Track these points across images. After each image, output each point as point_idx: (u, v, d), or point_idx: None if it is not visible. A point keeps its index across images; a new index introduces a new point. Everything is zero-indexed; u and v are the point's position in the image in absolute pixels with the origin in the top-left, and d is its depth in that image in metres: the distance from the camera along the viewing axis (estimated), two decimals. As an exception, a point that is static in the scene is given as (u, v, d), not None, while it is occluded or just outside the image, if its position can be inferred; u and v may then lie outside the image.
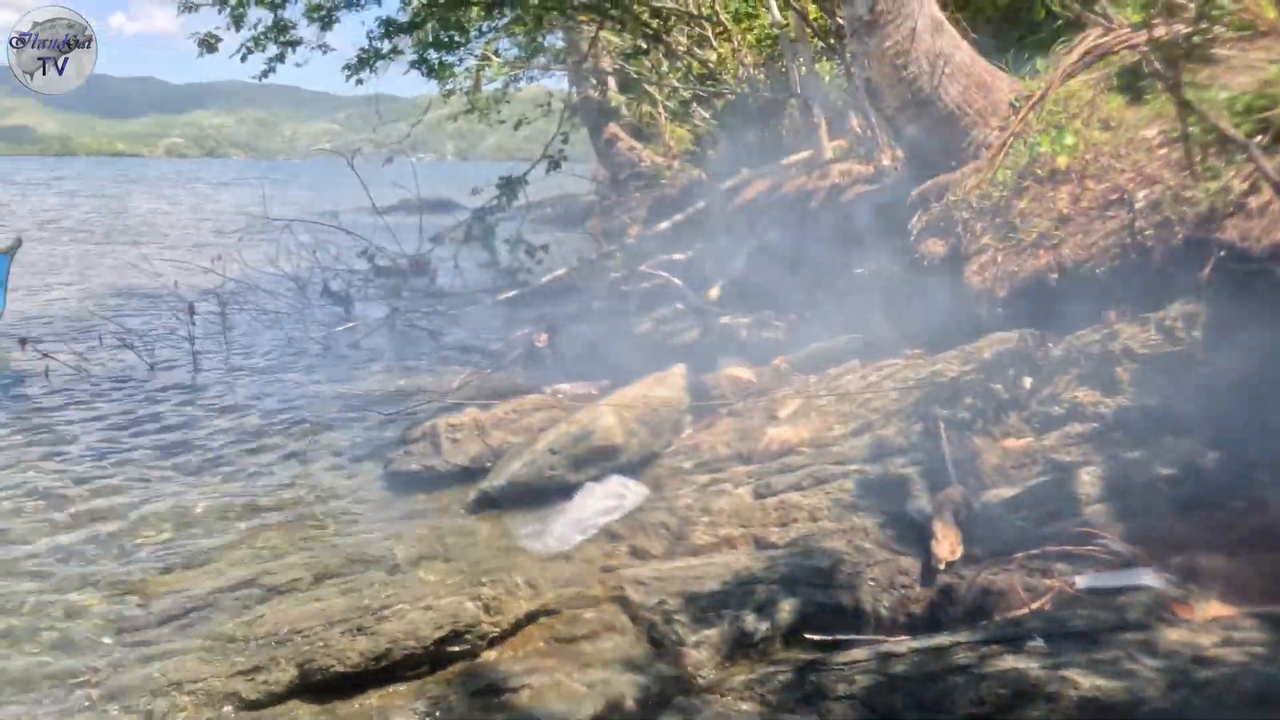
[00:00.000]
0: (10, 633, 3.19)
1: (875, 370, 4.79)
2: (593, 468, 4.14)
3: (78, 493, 4.56)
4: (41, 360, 6.72)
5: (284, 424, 5.69)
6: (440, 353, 7.54)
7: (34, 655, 3.04)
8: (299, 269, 9.08)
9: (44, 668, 2.96)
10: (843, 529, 3.25)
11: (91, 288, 11.17)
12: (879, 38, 5.07)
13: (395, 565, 3.59)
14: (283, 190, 20.42)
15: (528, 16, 9.71)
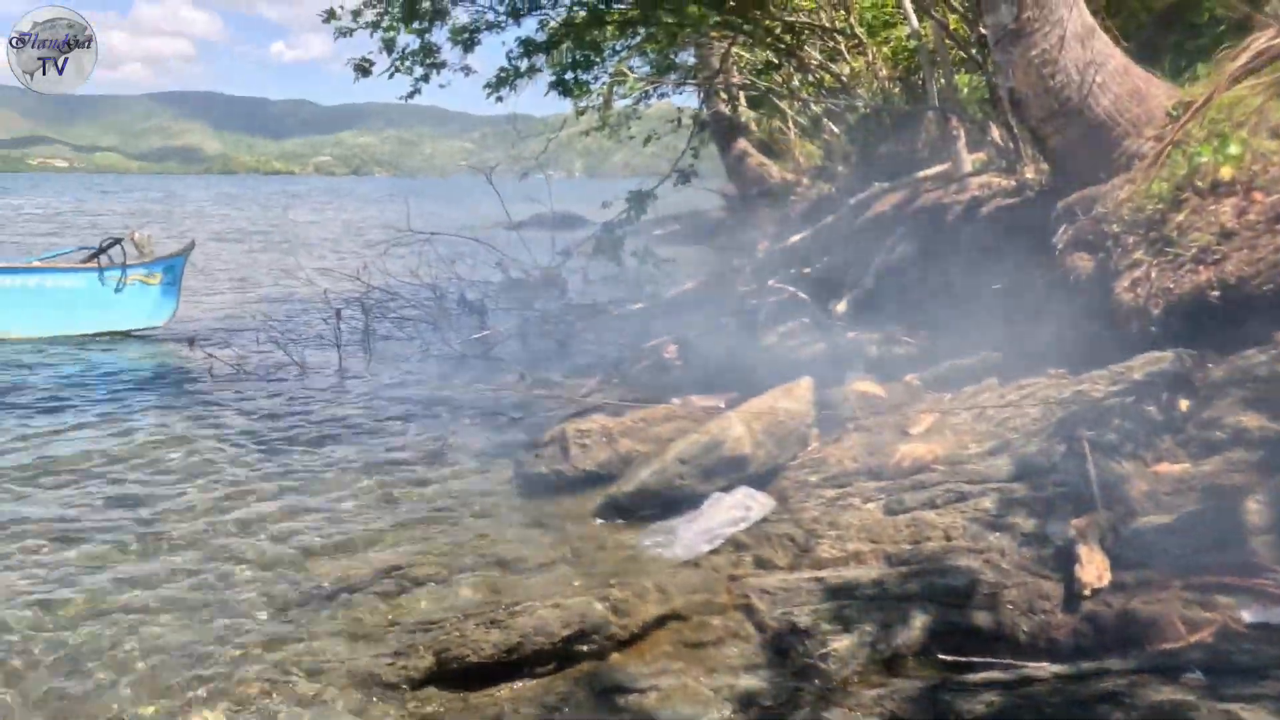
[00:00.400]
0: (174, 603, 3.45)
1: (1015, 389, 4.61)
2: (721, 478, 4.15)
3: (234, 478, 4.90)
4: (206, 359, 7.26)
5: (421, 425, 5.94)
6: (569, 362, 7.72)
7: (195, 626, 3.27)
8: (437, 279, 9.47)
9: (203, 638, 3.18)
10: (979, 549, 3.15)
11: (248, 293, 12.02)
12: (1024, 46, 4.91)
13: (525, 565, 3.70)
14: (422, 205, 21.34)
15: (661, 34, 9.86)
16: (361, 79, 9.81)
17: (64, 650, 3.09)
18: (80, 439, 5.64)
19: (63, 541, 4.01)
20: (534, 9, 9.76)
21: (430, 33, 9.62)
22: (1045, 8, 4.82)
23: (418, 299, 9.34)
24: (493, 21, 9.80)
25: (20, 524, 4.20)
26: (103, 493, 4.66)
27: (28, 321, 8.78)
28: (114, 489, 4.71)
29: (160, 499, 4.57)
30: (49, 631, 3.22)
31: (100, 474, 4.98)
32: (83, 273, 9.07)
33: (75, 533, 4.11)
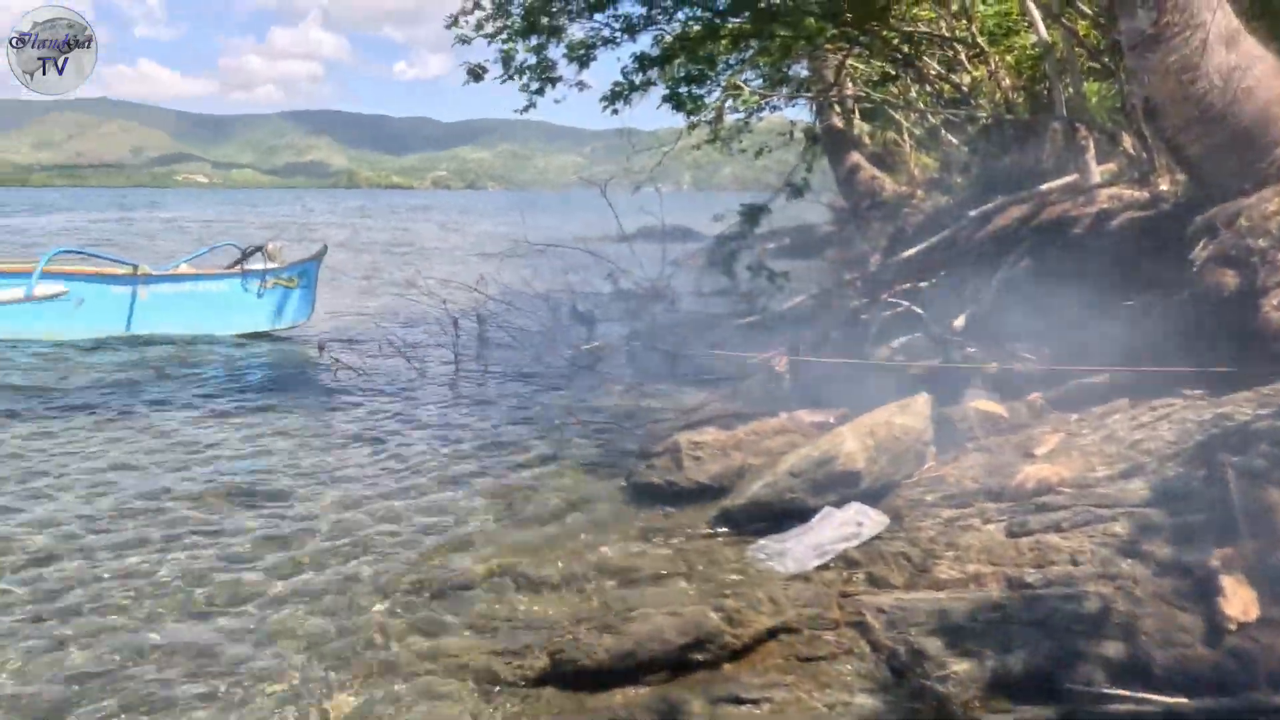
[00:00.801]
0: (297, 591, 3.63)
1: (1148, 410, 4.39)
2: (832, 493, 4.10)
3: (353, 474, 5.13)
4: (333, 362, 7.62)
5: (533, 432, 6.08)
6: (679, 374, 7.76)
7: (316, 614, 3.43)
8: (550, 290, 9.69)
9: (323, 626, 3.34)
10: (1109, 575, 3.01)
11: (373, 299, 12.58)
12: (1163, 52, 4.70)
13: (637, 572, 3.74)
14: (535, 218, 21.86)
15: (775, 47, 9.84)
16: (472, 86, 10.13)
17: (184, 642, 3.28)
18: (213, 430, 6.00)
19: (187, 528, 4.27)
20: (649, 25, 9.91)
21: (546, 48, 9.89)
22: (1186, 11, 4.60)
23: (531, 309, 9.57)
24: (608, 38, 9.99)
25: (158, 504, 4.50)
26: (232, 481, 4.95)
27: (181, 322, 9.47)
28: (241, 479, 4.99)
29: (283, 492, 4.82)
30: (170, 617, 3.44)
31: (230, 462, 5.30)
32: (228, 278, 9.72)
33: (200, 521, 4.38)
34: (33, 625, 3.32)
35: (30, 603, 3.50)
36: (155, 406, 6.66)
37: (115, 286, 9.41)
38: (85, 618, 3.38)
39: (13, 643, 3.19)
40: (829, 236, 17.73)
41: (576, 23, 9.96)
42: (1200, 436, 3.82)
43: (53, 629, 3.29)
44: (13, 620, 3.35)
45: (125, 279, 9.45)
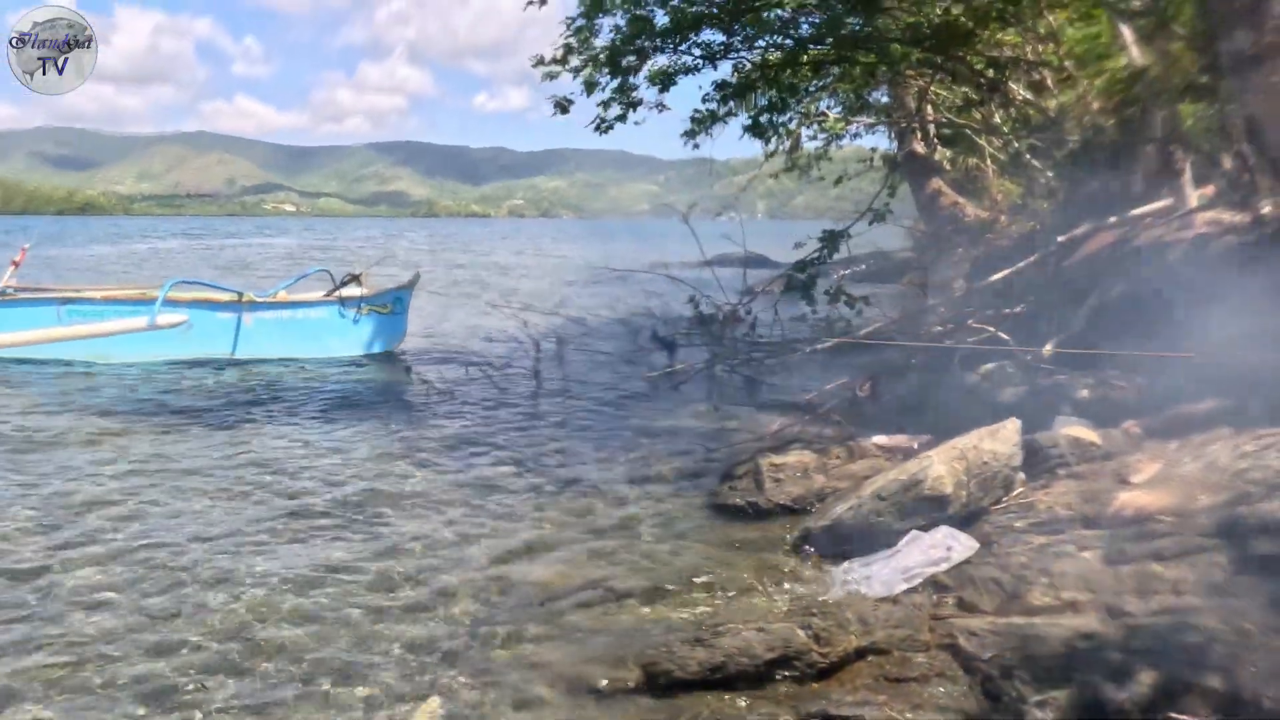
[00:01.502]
0: (392, 601, 3.74)
1: (1253, 439, 4.24)
2: (920, 517, 4.06)
3: (443, 490, 5.27)
4: (421, 384, 7.85)
5: (616, 452, 6.16)
6: (759, 398, 7.77)
7: (410, 624, 3.54)
8: (630, 315, 9.81)
9: (417, 635, 3.43)
10: (1215, 606, 2.93)
11: (460, 323, 12.90)
12: (1265, 71, 4.57)
13: (724, 588, 3.77)
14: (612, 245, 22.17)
15: (857, 74, 9.84)
16: (551, 118, 10.36)
17: (288, 643, 3.42)
18: (309, 449, 6.23)
19: (291, 537, 4.45)
20: (729, 53, 10.01)
21: (630, 74, 10.06)
22: (1290, 30, 4.48)
23: (611, 333, 9.71)
24: (689, 65, 10.13)
25: (262, 513, 4.70)
26: (329, 493, 5.14)
27: (281, 346, 9.91)
28: (336, 493, 5.17)
29: (375, 506, 4.97)
30: (273, 624, 3.59)
31: (326, 478, 5.49)
32: (326, 305, 10.13)
33: (304, 530, 4.56)
34: (147, 620, 3.51)
35: (131, 597, 3.70)
36: (257, 425, 6.95)
37: (222, 313, 9.88)
38: (198, 616, 3.56)
39: (129, 636, 3.37)
40: (906, 262, 17.52)
41: (660, 53, 10.13)
42: (1309, 467, 3.69)
43: (166, 626, 3.48)
44: (127, 620, 3.54)
45: (231, 305, 9.91)
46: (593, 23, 9.38)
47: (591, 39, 9.43)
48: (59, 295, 9.79)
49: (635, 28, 9.22)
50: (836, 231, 8.58)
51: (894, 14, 9.20)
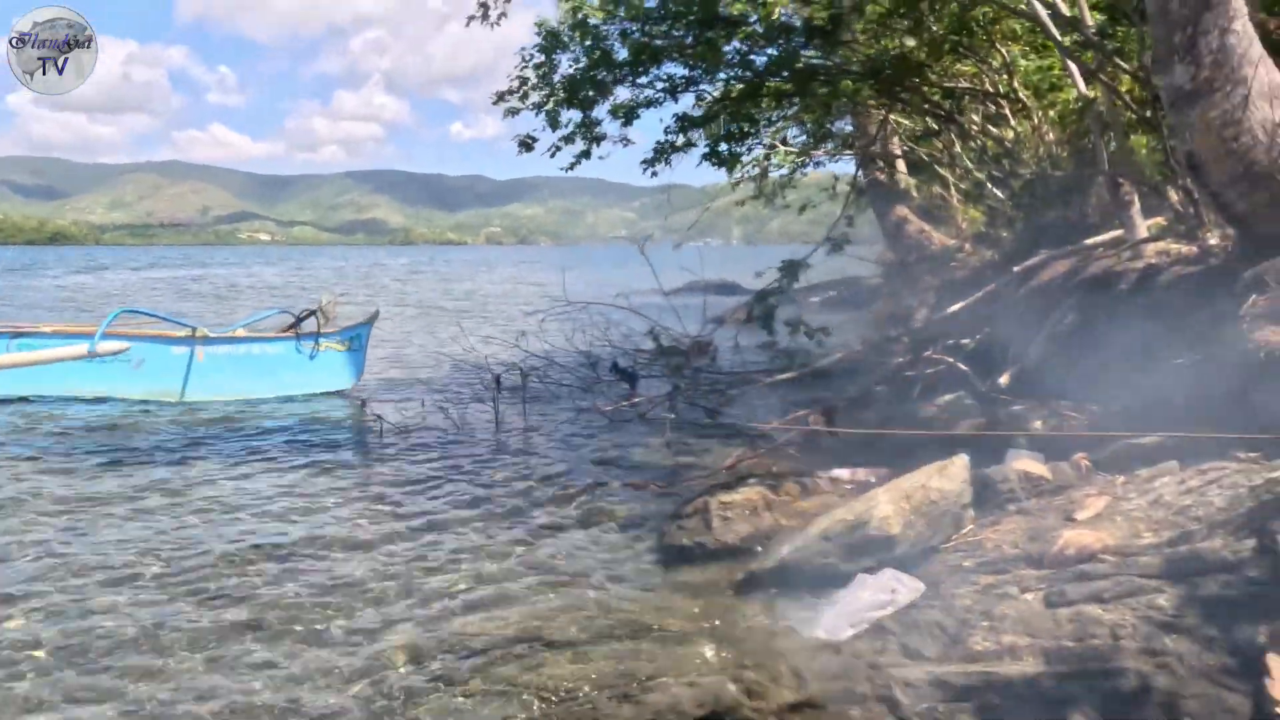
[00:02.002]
0: (321, 647, 3.62)
1: (1198, 473, 4.23)
2: (866, 558, 4.00)
3: (386, 530, 5.16)
4: (376, 422, 7.73)
5: (568, 490, 6.07)
6: (717, 431, 7.71)
7: (338, 672, 3.42)
8: (591, 346, 9.74)
9: (346, 687, 3.32)
10: (1151, 651, 2.88)
11: (420, 356, 12.78)
12: (1203, 107, 4.62)
13: (663, 635, 3.68)
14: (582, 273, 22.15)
15: (815, 105, 9.90)
16: (526, 153, 10.37)
17: (213, 685, 3.30)
18: (255, 489, 6.10)
19: (229, 584, 4.32)
20: (690, 86, 10.05)
21: (592, 109, 10.07)
22: (1225, 67, 4.53)
23: (572, 365, 9.63)
24: (651, 99, 10.15)
25: (195, 558, 4.56)
26: (267, 539, 5.00)
27: (235, 384, 9.74)
28: (276, 538, 5.05)
29: (317, 550, 4.86)
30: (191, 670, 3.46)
31: (268, 520, 5.37)
32: (282, 342, 9.98)
33: (237, 575, 4.42)
34: (65, 671, 3.37)
35: (61, 649, 3.55)
36: (201, 465, 6.80)
37: (174, 347, 9.71)
38: (107, 669, 3.43)
39: (48, 690, 3.24)
40: (876, 290, 17.61)
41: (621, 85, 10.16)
42: (1251, 503, 3.67)
43: (78, 679, 3.34)
44: (35, 675, 3.40)
45: (184, 340, 9.74)
46: (551, 58, 9.39)
47: (551, 74, 9.44)
48: (8, 329, 9.60)
49: (595, 60, 9.24)
50: (795, 261, 8.58)
51: (852, 46, 9.29)
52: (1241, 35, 4.53)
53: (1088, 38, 6.28)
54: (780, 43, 9.07)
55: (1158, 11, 4.63)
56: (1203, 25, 4.49)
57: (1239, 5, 4.50)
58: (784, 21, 9.16)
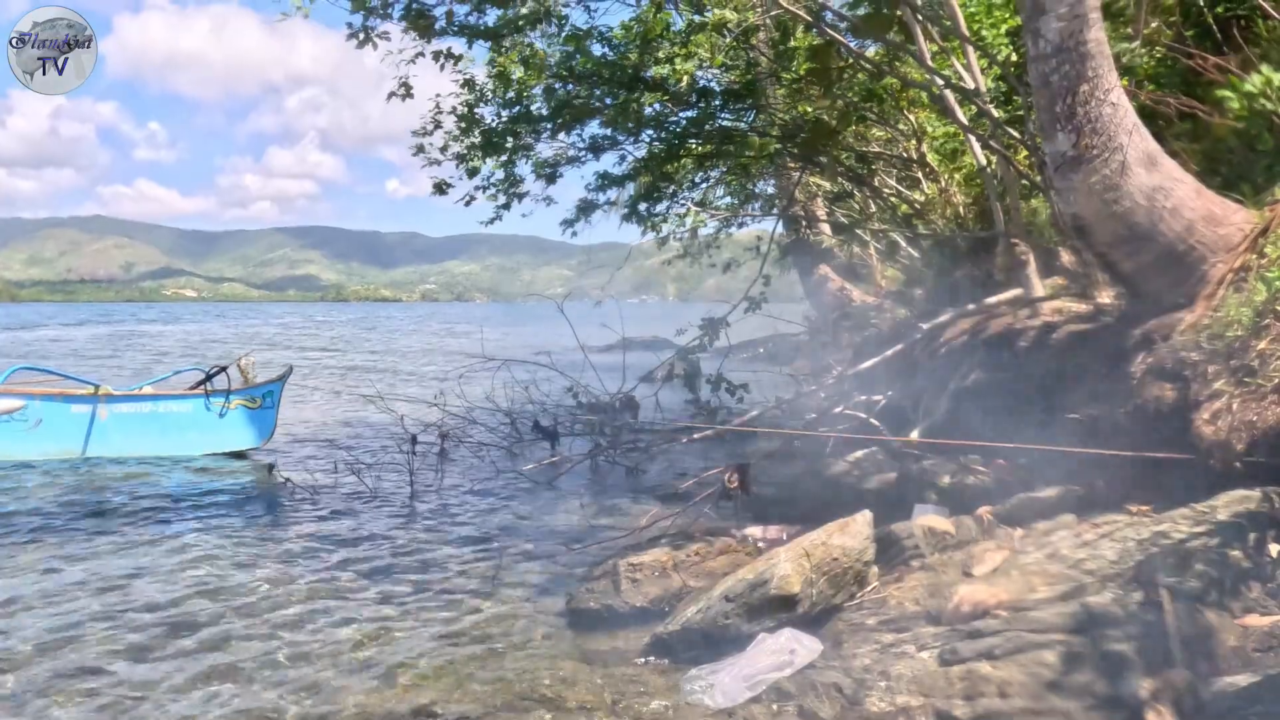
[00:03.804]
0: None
1: (1092, 527, 4.32)
2: (768, 618, 3.96)
3: (289, 599, 4.95)
4: (285, 483, 7.48)
5: (480, 554, 5.93)
6: (636, 489, 7.65)
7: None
8: (513, 404, 9.63)
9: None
10: (1038, 709, 2.89)
11: (334, 418, 12.48)
12: (1085, 173, 4.83)
13: (563, 707, 3.57)
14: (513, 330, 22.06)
15: (735, 167, 10.13)
16: (462, 204, 10.32)
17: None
18: (153, 554, 5.82)
19: (118, 655, 4.08)
20: (613, 145, 10.20)
21: (514, 164, 10.13)
22: (1103, 134, 4.75)
23: (493, 424, 9.50)
24: (573, 156, 10.28)
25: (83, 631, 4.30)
26: (167, 609, 4.75)
27: (140, 443, 9.35)
28: (176, 607, 4.80)
29: (217, 618, 4.65)
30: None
31: (165, 588, 5.11)
32: (191, 399, 9.64)
33: (132, 647, 4.18)
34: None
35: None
36: (98, 529, 6.49)
37: (75, 405, 9.32)
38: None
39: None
40: (801, 346, 17.88)
41: (542, 141, 10.26)
42: (1140, 556, 3.75)
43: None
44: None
45: (85, 399, 9.36)
46: (473, 111, 9.44)
47: (472, 127, 9.48)
48: None
49: (516, 116, 9.32)
50: (715, 320, 8.66)
51: (770, 111, 9.56)
52: (1118, 105, 4.77)
53: (981, 108, 6.56)
54: (699, 105, 9.29)
55: (1039, 82, 4.85)
56: (1080, 96, 4.72)
57: (1113, 78, 4.75)
58: (702, 85, 9.41)
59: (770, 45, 9.67)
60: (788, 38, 9.29)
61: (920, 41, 6.68)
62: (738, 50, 9.09)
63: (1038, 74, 4.88)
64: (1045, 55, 4.80)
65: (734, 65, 9.65)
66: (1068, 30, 4.67)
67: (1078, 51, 4.68)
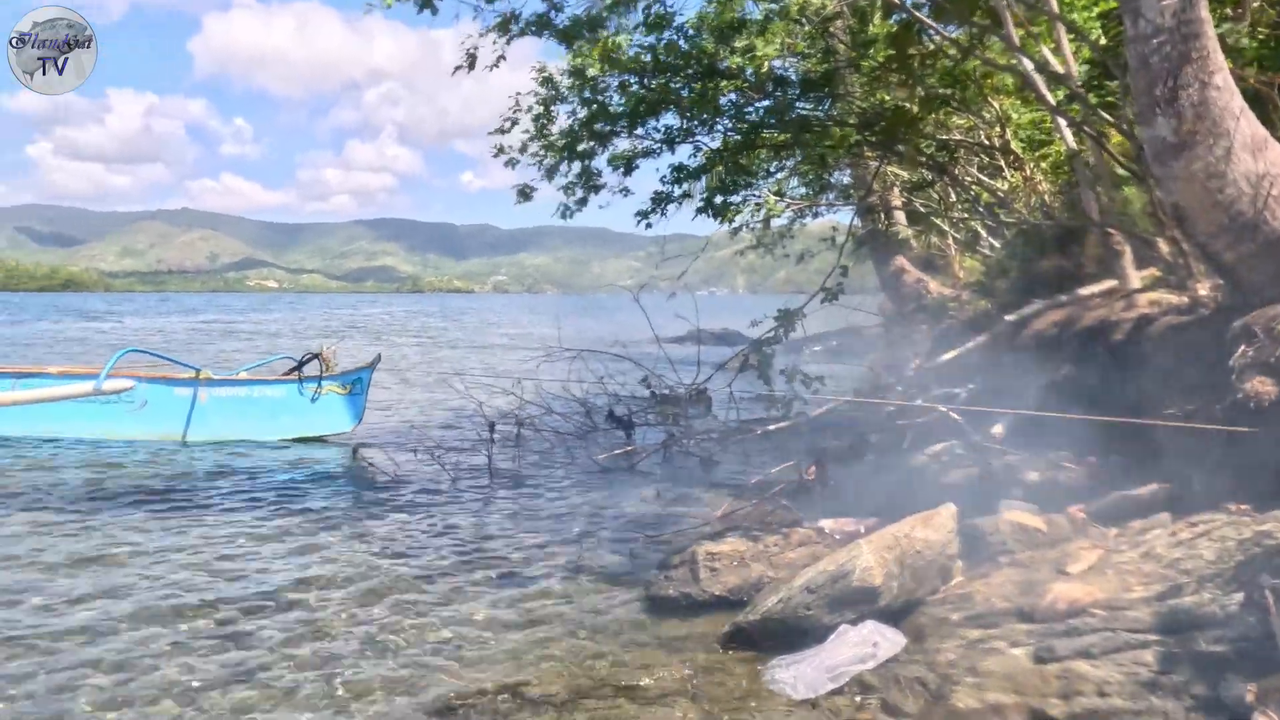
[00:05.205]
0: (295, 704, 3.55)
1: (1188, 526, 4.17)
2: (850, 610, 3.92)
3: (372, 582, 5.08)
4: (369, 468, 7.69)
5: (558, 539, 6.01)
6: (710, 480, 7.65)
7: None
8: (589, 394, 9.72)
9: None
10: (1137, 709, 2.81)
11: (417, 405, 12.77)
12: (1187, 160, 4.64)
13: (644, 692, 3.60)
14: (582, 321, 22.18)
15: (811, 157, 10.00)
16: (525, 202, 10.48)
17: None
18: (244, 536, 6.03)
19: (214, 632, 4.25)
20: (687, 137, 10.17)
21: (590, 160, 10.19)
22: (1208, 119, 4.56)
23: (569, 413, 9.60)
24: (649, 149, 10.27)
25: (177, 606, 4.51)
26: (258, 584, 4.94)
27: (237, 426, 9.75)
28: (267, 581, 4.99)
29: (301, 599, 4.79)
30: None
31: (259, 565, 5.31)
32: (284, 384, 10.00)
33: (222, 624, 4.36)
34: None
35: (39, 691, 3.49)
36: (198, 509, 6.77)
37: (178, 389, 9.75)
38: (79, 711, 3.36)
39: None
40: (876, 339, 17.61)
41: (619, 136, 10.29)
42: (1240, 556, 3.61)
43: None
44: None
45: (187, 382, 9.78)
46: (549, 110, 9.53)
47: (548, 125, 9.57)
48: (14, 370, 9.67)
49: (593, 113, 9.37)
50: (790, 310, 8.59)
51: (848, 100, 9.42)
52: (1223, 89, 4.57)
53: (1074, 92, 6.34)
54: (775, 95, 9.20)
55: (1138, 65, 4.67)
56: (1183, 79, 4.53)
57: (1219, 59, 4.55)
58: (779, 74, 9.31)
59: (848, 33, 9.52)
60: (867, 25, 9.13)
61: (1009, 24, 6.48)
62: (816, 39, 8.96)
63: (1137, 55, 4.70)
64: (1145, 35, 4.62)
65: (810, 54, 9.53)
66: (1170, 9, 4.48)
67: (1181, 31, 4.49)
